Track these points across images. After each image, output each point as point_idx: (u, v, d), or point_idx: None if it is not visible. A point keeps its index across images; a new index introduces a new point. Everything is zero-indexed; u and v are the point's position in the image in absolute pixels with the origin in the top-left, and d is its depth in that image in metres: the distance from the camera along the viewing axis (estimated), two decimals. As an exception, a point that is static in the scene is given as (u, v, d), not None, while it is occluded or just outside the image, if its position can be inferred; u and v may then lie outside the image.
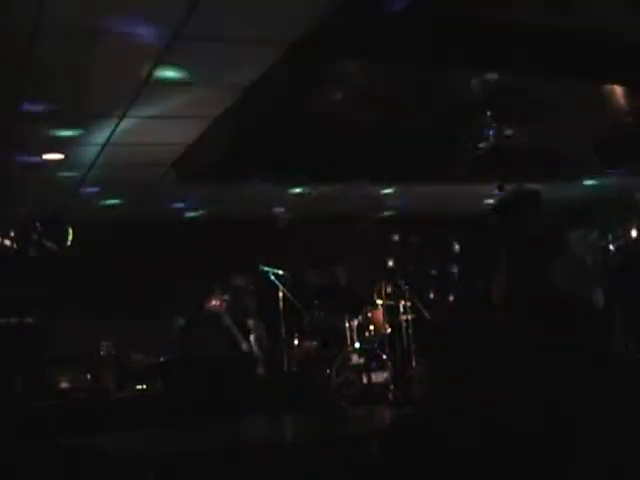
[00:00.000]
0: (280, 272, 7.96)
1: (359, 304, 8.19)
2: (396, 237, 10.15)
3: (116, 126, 5.94)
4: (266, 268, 7.90)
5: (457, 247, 8.81)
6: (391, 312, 8.22)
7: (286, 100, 5.65)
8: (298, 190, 8.47)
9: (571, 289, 1.62)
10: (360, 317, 8.04)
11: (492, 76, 5.46)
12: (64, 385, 7.39)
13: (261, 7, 4.05)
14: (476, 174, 7.72)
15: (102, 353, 7.48)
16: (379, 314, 8.15)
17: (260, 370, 7.67)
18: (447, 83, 5.72)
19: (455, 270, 8.53)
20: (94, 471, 2.71)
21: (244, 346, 7.64)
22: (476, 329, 3.89)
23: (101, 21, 4.07)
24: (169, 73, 4.90)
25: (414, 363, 8.02)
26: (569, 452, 1.41)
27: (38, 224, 6.44)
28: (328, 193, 8.76)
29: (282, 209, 9.29)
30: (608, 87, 6.15)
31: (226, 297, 7.72)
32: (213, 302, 7.54)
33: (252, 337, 7.86)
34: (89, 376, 7.56)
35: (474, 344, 3.80)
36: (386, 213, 10.29)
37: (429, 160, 7.40)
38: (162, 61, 4.66)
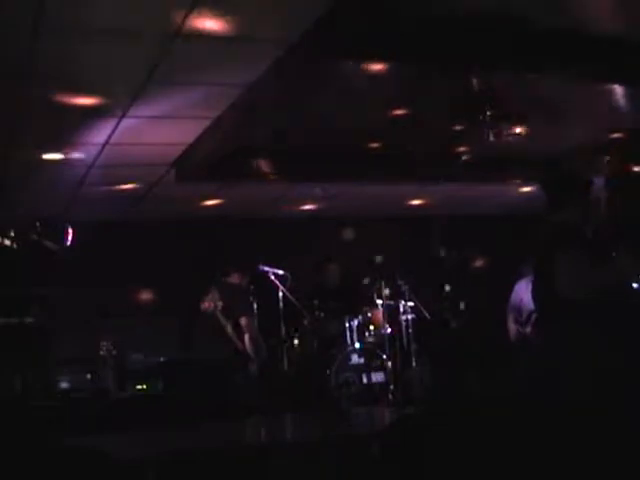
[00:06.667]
0: (280, 272, 7.94)
1: (359, 304, 8.18)
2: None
3: (116, 126, 5.94)
4: (266, 268, 7.88)
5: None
6: (391, 312, 8.22)
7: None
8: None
9: None
10: (360, 317, 8.03)
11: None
12: (64, 385, 7.40)
13: (261, 7, 4.05)
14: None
15: (102, 353, 7.48)
16: (379, 314, 8.15)
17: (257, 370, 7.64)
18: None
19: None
20: (94, 471, 2.70)
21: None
22: None
23: (101, 20, 4.08)
24: (169, 72, 4.90)
25: (414, 363, 8.02)
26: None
27: (38, 224, 6.43)
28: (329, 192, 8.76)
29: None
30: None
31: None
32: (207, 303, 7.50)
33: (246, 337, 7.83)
34: (89, 376, 7.57)
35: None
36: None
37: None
38: (162, 60, 4.66)
